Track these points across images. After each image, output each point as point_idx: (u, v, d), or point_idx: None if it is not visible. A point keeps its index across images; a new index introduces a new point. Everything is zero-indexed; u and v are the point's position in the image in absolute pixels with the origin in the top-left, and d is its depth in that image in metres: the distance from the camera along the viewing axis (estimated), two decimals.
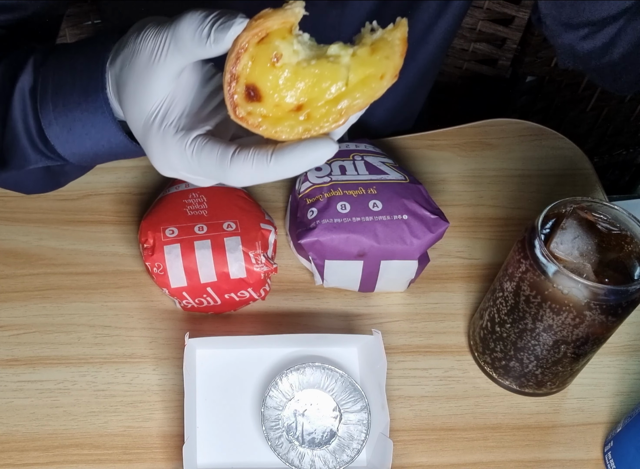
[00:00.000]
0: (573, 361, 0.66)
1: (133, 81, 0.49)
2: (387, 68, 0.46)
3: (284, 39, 0.45)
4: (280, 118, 0.46)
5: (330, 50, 0.46)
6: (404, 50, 0.46)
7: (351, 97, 0.46)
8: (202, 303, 0.71)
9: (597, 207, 0.63)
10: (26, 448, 0.66)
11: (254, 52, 0.44)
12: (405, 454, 0.68)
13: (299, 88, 0.45)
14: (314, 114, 0.46)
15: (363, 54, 0.46)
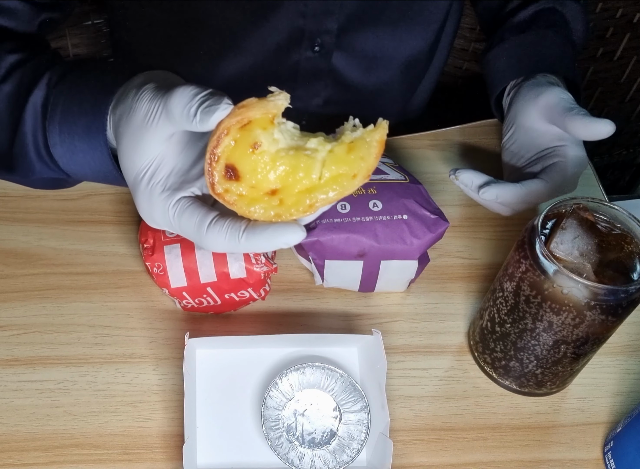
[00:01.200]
0: (573, 361, 0.66)
1: (127, 137, 0.52)
2: (360, 169, 0.48)
3: (265, 129, 0.47)
4: (255, 200, 0.48)
5: (309, 143, 0.48)
6: (380, 152, 0.49)
7: (323, 192, 0.48)
8: (202, 303, 0.71)
9: (597, 207, 0.63)
10: (26, 448, 0.65)
11: (236, 135, 0.47)
12: (405, 454, 0.68)
13: (275, 175, 0.48)
14: (287, 201, 0.48)
15: (339, 151, 0.48)
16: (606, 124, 0.70)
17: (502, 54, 0.85)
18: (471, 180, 0.74)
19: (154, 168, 0.51)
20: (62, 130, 0.60)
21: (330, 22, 0.82)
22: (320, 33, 0.83)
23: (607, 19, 1.23)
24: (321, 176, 0.48)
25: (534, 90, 0.78)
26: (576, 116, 0.72)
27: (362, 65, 0.89)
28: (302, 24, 0.81)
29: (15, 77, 0.64)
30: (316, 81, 0.89)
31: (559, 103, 0.75)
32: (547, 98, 0.76)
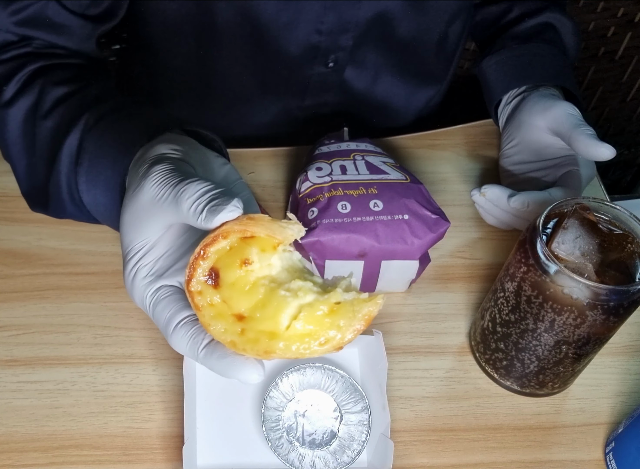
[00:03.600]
0: (574, 361, 0.66)
1: (130, 213, 0.51)
2: (332, 338, 0.44)
3: (264, 251, 0.44)
4: (221, 316, 0.45)
5: (293, 283, 0.44)
6: (363, 327, 0.44)
7: (285, 343, 0.44)
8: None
9: (599, 207, 0.63)
10: (25, 448, 0.65)
11: (233, 243, 0.44)
12: (406, 455, 0.67)
13: (249, 300, 0.44)
14: (247, 334, 0.44)
15: (320, 308, 0.44)
16: (607, 149, 0.72)
17: (505, 62, 0.87)
18: (498, 194, 0.76)
19: (145, 251, 0.51)
20: (88, 178, 0.60)
21: (345, 39, 0.82)
22: (335, 50, 0.83)
23: (608, 18, 1.23)
24: (289, 326, 0.44)
25: (542, 103, 0.80)
26: (582, 135, 0.74)
27: (370, 75, 0.89)
28: (317, 41, 0.81)
29: (58, 113, 0.64)
30: (325, 93, 0.90)
31: (567, 119, 0.77)
32: (555, 113, 0.78)
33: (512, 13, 0.91)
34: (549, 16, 0.88)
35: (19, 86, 0.67)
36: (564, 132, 0.77)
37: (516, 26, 0.89)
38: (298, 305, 0.44)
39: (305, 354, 0.44)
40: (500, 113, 0.88)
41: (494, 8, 0.93)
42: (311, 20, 0.79)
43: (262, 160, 0.87)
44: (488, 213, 0.79)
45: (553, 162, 0.80)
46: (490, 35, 0.92)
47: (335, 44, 0.82)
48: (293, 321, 0.44)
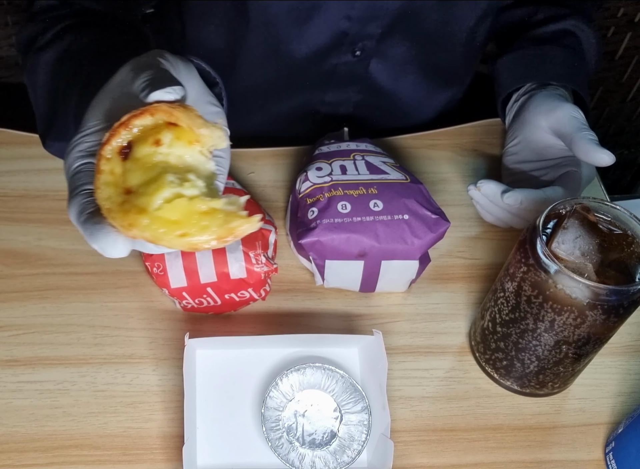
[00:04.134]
0: (574, 361, 0.66)
1: (99, 95, 0.53)
2: (190, 234, 0.44)
3: (179, 140, 0.45)
4: (115, 184, 0.45)
5: (189, 175, 0.45)
6: (227, 239, 0.44)
7: (148, 222, 0.44)
8: (202, 303, 0.71)
9: (599, 207, 0.63)
10: (25, 448, 0.65)
11: (158, 123, 0.45)
12: (406, 455, 0.67)
13: (143, 177, 0.45)
14: (125, 205, 0.45)
15: (195, 204, 0.45)
16: (607, 155, 0.73)
17: (517, 60, 0.87)
18: (493, 189, 0.76)
19: (95, 129, 0.51)
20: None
21: (374, 26, 0.82)
22: (363, 37, 0.83)
23: (608, 18, 1.23)
24: (160, 208, 0.44)
25: (546, 104, 0.80)
26: (583, 139, 0.75)
27: (395, 71, 0.89)
28: (346, 27, 0.81)
29: (86, 57, 0.66)
30: (349, 86, 0.89)
31: (570, 121, 0.77)
32: (559, 114, 0.78)
33: (535, 17, 0.91)
34: (571, 24, 0.88)
35: (53, 36, 0.70)
36: (565, 135, 0.77)
37: (537, 29, 0.89)
38: (177, 192, 0.44)
39: (163, 240, 0.44)
40: (508, 110, 0.88)
41: (518, 11, 0.92)
42: (342, 5, 0.79)
43: (262, 160, 0.87)
44: (485, 210, 0.79)
45: (553, 162, 0.80)
46: (511, 37, 0.92)
47: (364, 31, 0.82)
48: (164, 204, 0.44)
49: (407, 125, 0.97)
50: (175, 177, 0.45)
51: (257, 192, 0.83)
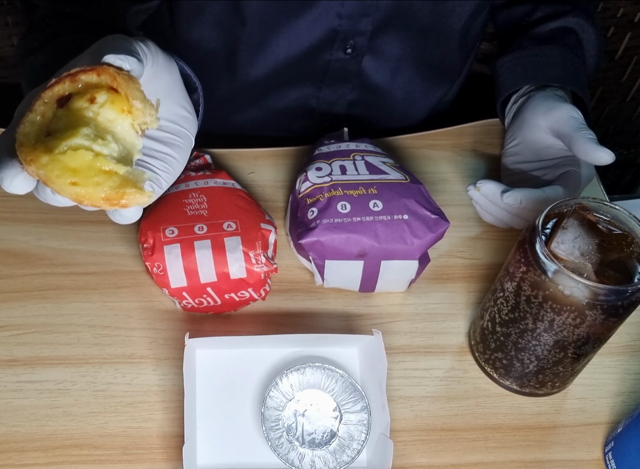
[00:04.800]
0: (574, 361, 0.66)
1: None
2: (80, 185, 0.45)
3: (112, 104, 0.46)
4: (38, 125, 0.46)
5: (107, 137, 0.46)
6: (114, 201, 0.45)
7: (47, 161, 0.45)
8: (202, 303, 0.71)
9: (598, 207, 0.63)
10: (26, 448, 0.65)
11: (101, 85, 0.46)
12: (406, 454, 0.67)
13: (64, 125, 0.46)
14: (37, 145, 0.45)
15: (100, 161, 0.45)
16: (606, 154, 0.73)
17: (517, 61, 0.87)
18: (493, 189, 0.76)
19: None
20: None
21: (365, 23, 0.82)
22: (354, 34, 0.83)
23: (608, 18, 1.23)
24: (64, 152, 0.45)
25: (545, 104, 0.80)
26: (582, 138, 0.75)
27: (389, 68, 0.89)
28: (337, 25, 0.81)
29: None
30: (343, 83, 0.90)
31: (568, 121, 0.77)
32: (558, 114, 0.78)
33: (534, 14, 0.90)
34: (571, 21, 0.88)
35: (45, 40, 0.71)
36: (564, 135, 0.77)
37: (537, 27, 0.89)
38: (83, 144, 0.45)
39: (54, 183, 0.45)
40: (507, 111, 0.88)
41: (517, 8, 0.92)
42: (332, 2, 0.79)
43: (262, 160, 0.87)
44: (485, 211, 0.79)
45: (553, 162, 0.80)
46: (511, 35, 0.92)
47: (355, 28, 0.82)
48: (70, 151, 0.45)
49: (403, 123, 0.97)
50: (92, 132, 0.46)
51: (257, 192, 0.83)
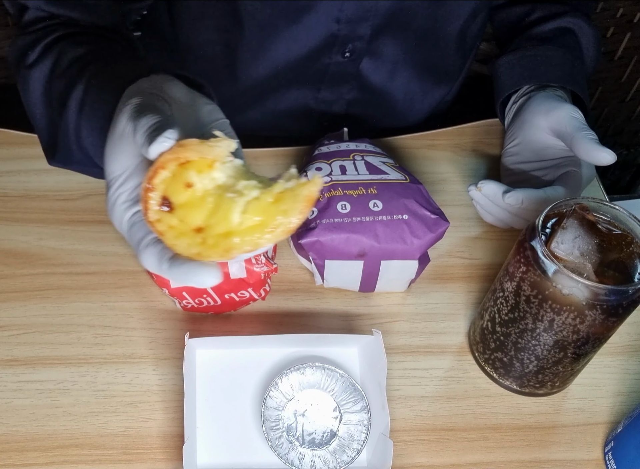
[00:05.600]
0: (574, 361, 0.66)
1: (109, 145, 0.55)
2: (280, 223, 0.47)
3: (200, 172, 0.47)
4: (182, 234, 0.48)
5: (239, 185, 0.47)
6: (307, 209, 0.46)
7: (240, 238, 0.47)
8: (202, 303, 0.71)
9: (598, 207, 0.63)
10: (26, 448, 0.65)
11: (174, 170, 0.47)
12: (406, 454, 0.67)
13: (202, 213, 0.47)
14: (208, 241, 0.47)
15: (265, 200, 0.47)
16: (608, 154, 0.73)
17: (517, 61, 0.87)
18: (494, 189, 0.76)
19: (124, 178, 0.53)
20: (88, 124, 0.63)
21: (364, 28, 0.82)
22: (353, 39, 0.83)
23: (607, 18, 1.23)
24: (241, 222, 0.47)
25: (546, 104, 0.80)
26: (584, 139, 0.75)
27: (388, 69, 0.89)
28: (335, 30, 0.81)
29: (73, 69, 0.67)
30: (342, 85, 0.90)
31: (570, 121, 0.77)
32: (559, 115, 0.78)
33: (533, 15, 0.91)
34: (569, 21, 0.88)
35: (41, 50, 0.70)
36: (566, 135, 0.77)
37: (535, 28, 0.89)
38: (245, 201, 0.47)
39: (261, 243, 0.47)
40: (507, 111, 0.88)
41: (516, 9, 0.93)
42: (331, 8, 0.79)
43: (262, 160, 0.87)
44: (485, 211, 0.80)
45: (553, 162, 0.80)
46: (510, 36, 0.92)
47: (354, 32, 0.82)
48: (243, 216, 0.46)
49: (402, 123, 0.97)
50: (231, 192, 0.47)
51: None
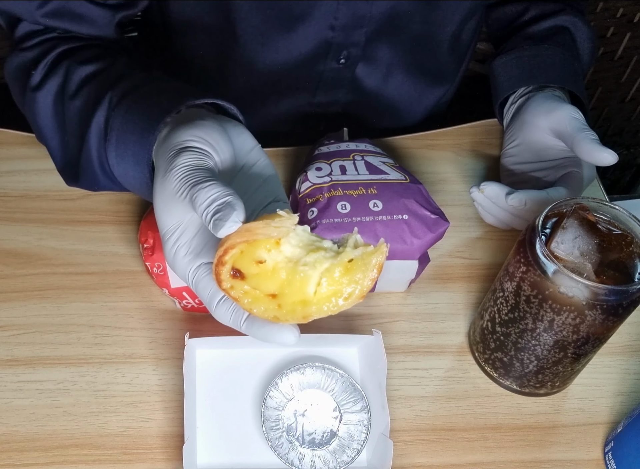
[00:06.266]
0: (573, 361, 0.66)
1: (160, 199, 0.55)
2: (353, 290, 0.49)
3: (270, 250, 0.49)
4: (257, 299, 0.50)
5: (308, 257, 0.50)
6: (377, 276, 0.49)
7: (316, 307, 0.50)
8: (202, 303, 0.71)
9: (598, 207, 0.63)
10: (26, 448, 0.65)
11: (242, 247, 0.49)
12: (406, 454, 0.67)
13: (276, 282, 0.50)
14: (284, 307, 0.50)
15: (336, 270, 0.49)
16: (609, 155, 0.73)
17: (514, 62, 0.86)
18: (497, 191, 0.77)
19: (180, 231, 0.54)
20: (117, 153, 0.63)
21: (359, 34, 0.82)
22: (348, 46, 0.83)
23: (607, 18, 1.23)
24: (316, 292, 0.50)
25: (546, 105, 0.80)
26: (585, 139, 0.75)
27: (382, 73, 0.89)
28: (330, 37, 0.81)
29: (85, 92, 0.67)
30: (337, 89, 0.90)
31: (570, 122, 0.77)
32: (559, 115, 0.78)
33: (528, 14, 0.91)
34: (564, 19, 0.88)
35: (46, 69, 0.70)
36: (566, 135, 0.77)
37: (531, 27, 0.89)
38: (318, 274, 0.49)
39: (336, 310, 0.50)
40: (505, 112, 0.88)
41: (511, 8, 0.92)
42: (325, 16, 0.79)
43: None
44: (486, 212, 0.80)
45: (554, 163, 0.80)
46: (505, 35, 0.92)
47: (348, 39, 0.82)
48: (317, 287, 0.49)
49: (399, 123, 0.97)
50: (302, 265, 0.50)
51: None
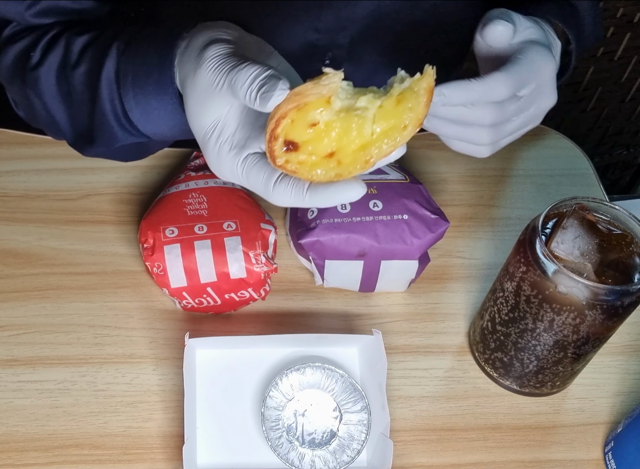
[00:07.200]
0: (574, 361, 0.66)
1: (193, 99, 0.54)
2: (410, 119, 0.50)
3: (322, 110, 0.49)
4: (315, 164, 0.50)
5: (359, 102, 0.49)
6: (429, 99, 0.50)
7: (377, 146, 0.50)
8: (202, 303, 0.71)
9: (598, 207, 0.63)
10: (26, 448, 0.65)
11: (293, 116, 0.48)
12: (406, 454, 0.67)
13: (330, 139, 0.49)
14: (344, 161, 0.50)
15: (388, 106, 0.49)
16: (502, 26, 0.61)
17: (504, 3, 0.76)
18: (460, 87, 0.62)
19: (220, 128, 0.53)
20: (135, 93, 0.62)
21: (343, 36, 0.82)
22: (333, 47, 0.83)
23: (607, 18, 1.23)
24: (373, 132, 0.49)
25: None
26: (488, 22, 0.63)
27: (368, 72, 0.89)
28: (315, 39, 0.81)
29: (87, 56, 0.67)
30: None
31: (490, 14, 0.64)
32: None
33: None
34: None
35: (45, 47, 0.70)
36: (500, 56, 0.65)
37: None
38: (371, 114, 0.49)
39: (398, 144, 0.51)
40: None
41: None
42: (309, 18, 0.79)
43: None
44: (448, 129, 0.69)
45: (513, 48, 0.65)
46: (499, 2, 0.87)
47: (333, 41, 0.82)
48: (374, 126, 0.49)
49: None
50: (354, 110, 0.49)
51: None
